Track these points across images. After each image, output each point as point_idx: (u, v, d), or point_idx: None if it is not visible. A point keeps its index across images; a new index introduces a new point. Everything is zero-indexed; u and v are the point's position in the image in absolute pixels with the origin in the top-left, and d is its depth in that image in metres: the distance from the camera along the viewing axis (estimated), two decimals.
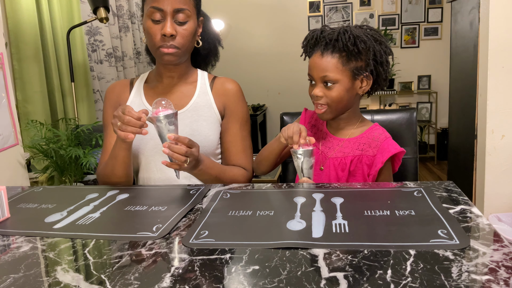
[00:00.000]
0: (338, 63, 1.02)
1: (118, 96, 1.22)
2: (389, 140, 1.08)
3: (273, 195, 0.90)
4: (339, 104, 1.06)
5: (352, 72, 1.03)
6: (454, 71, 2.88)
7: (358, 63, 1.03)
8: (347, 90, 1.04)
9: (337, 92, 1.03)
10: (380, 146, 1.06)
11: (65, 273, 0.59)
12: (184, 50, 1.11)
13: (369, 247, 0.61)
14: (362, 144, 1.09)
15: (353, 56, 1.02)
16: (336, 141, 1.13)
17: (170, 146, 0.92)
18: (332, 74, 1.02)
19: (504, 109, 1.76)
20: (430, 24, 4.43)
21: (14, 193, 1.02)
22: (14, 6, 2.08)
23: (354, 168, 1.09)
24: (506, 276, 0.51)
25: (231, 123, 1.19)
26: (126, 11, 3.28)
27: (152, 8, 1.06)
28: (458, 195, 0.82)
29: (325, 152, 1.13)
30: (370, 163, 1.07)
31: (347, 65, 1.03)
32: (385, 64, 1.06)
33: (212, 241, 0.67)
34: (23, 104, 2.15)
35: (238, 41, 4.67)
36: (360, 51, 1.02)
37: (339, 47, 1.02)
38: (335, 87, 1.03)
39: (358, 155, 1.08)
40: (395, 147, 1.05)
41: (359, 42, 1.01)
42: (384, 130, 1.11)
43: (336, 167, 1.10)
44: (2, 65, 1.53)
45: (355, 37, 1.01)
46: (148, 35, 1.10)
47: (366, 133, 1.11)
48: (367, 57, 1.03)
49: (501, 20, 1.71)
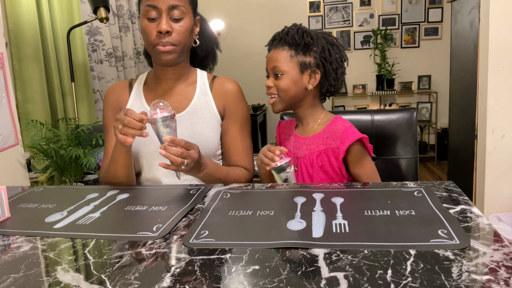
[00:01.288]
0: (286, 55, 1.10)
1: (117, 98, 1.21)
2: (349, 129, 1.09)
3: (273, 195, 0.90)
4: (287, 94, 1.11)
5: (300, 65, 1.10)
6: (454, 71, 2.88)
7: (306, 58, 1.10)
8: (294, 82, 1.10)
9: (284, 83, 1.10)
10: (341, 137, 1.09)
11: (65, 273, 0.59)
12: (181, 47, 1.10)
13: (369, 247, 0.61)
14: (325, 139, 1.12)
15: (301, 50, 1.10)
16: (303, 140, 1.16)
17: (166, 148, 0.92)
18: (280, 64, 1.10)
19: (504, 109, 1.76)
20: (430, 24, 4.43)
21: (14, 193, 1.02)
22: (14, 6, 2.08)
23: (322, 163, 1.11)
24: (506, 276, 0.51)
25: (231, 124, 1.19)
26: (126, 11, 3.28)
27: (147, 6, 1.06)
28: (458, 195, 0.82)
29: (296, 153, 1.17)
30: (336, 155, 1.10)
31: (295, 57, 1.10)
32: (335, 63, 1.12)
33: (212, 241, 0.67)
34: (23, 104, 2.14)
35: (238, 41, 4.67)
36: (307, 45, 1.09)
37: (288, 41, 1.10)
38: (283, 78, 1.10)
39: (323, 149, 1.11)
40: (355, 135, 1.07)
41: (306, 36, 1.09)
42: (345, 121, 1.14)
43: (307, 165, 1.13)
44: (2, 65, 1.53)
45: (303, 31, 1.10)
46: (144, 34, 1.09)
47: (328, 127, 1.13)
48: (315, 52, 1.10)
49: (501, 20, 1.71)
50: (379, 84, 4.50)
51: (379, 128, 1.29)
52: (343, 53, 1.14)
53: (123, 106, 1.20)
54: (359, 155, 1.09)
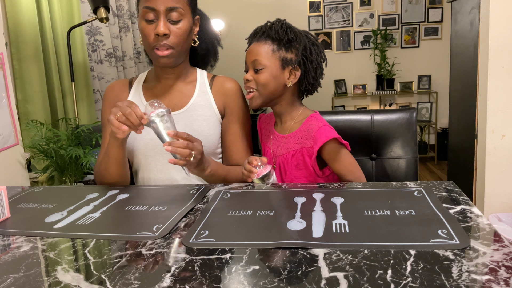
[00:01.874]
0: (268, 49, 1.08)
1: (117, 96, 1.21)
2: (322, 128, 1.09)
3: (273, 195, 0.90)
4: (266, 89, 1.10)
5: (281, 60, 1.09)
6: (454, 71, 2.88)
7: (288, 54, 1.09)
8: (274, 77, 1.09)
9: (263, 77, 1.08)
10: (314, 136, 1.09)
11: (65, 273, 0.59)
12: (179, 50, 1.10)
13: (369, 247, 0.61)
14: (300, 138, 1.12)
15: (284, 46, 1.09)
16: (281, 139, 1.16)
17: (171, 143, 0.92)
18: (261, 58, 1.08)
19: (504, 109, 1.76)
20: (430, 24, 4.43)
21: (14, 193, 1.02)
22: (14, 6, 2.08)
23: (297, 161, 1.11)
24: (506, 276, 0.51)
25: (231, 123, 1.19)
26: (126, 11, 3.28)
27: (145, 8, 1.05)
28: (458, 195, 0.82)
29: (274, 151, 1.17)
30: (310, 154, 1.10)
31: (277, 52, 1.08)
32: (315, 62, 1.11)
33: (212, 241, 0.67)
34: (23, 104, 2.14)
35: (238, 41, 4.66)
36: (290, 41, 1.08)
37: (271, 35, 1.08)
38: (263, 72, 1.09)
39: (299, 148, 1.11)
40: (327, 135, 1.06)
41: (290, 31, 1.08)
42: (319, 120, 1.13)
43: (284, 163, 1.14)
44: (2, 65, 1.53)
45: (287, 27, 1.08)
46: (142, 35, 1.09)
47: (303, 125, 1.13)
48: (297, 50, 1.09)
49: (501, 20, 1.71)
50: (379, 84, 4.50)
51: (379, 128, 1.28)
52: (323, 54, 1.14)
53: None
54: (334, 151, 1.08)
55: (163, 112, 0.92)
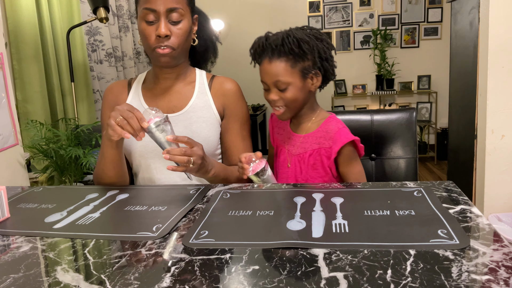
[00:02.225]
0: (286, 66, 1.06)
1: (116, 97, 1.21)
2: (342, 130, 1.10)
3: (273, 195, 0.90)
4: (295, 103, 1.10)
5: (302, 72, 1.08)
6: (454, 71, 2.88)
7: (305, 63, 1.08)
8: (300, 90, 1.09)
9: (291, 94, 1.08)
10: (333, 137, 1.10)
11: (65, 273, 0.59)
12: (180, 50, 1.10)
13: (369, 247, 0.61)
14: (319, 138, 1.13)
15: (300, 58, 1.07)
16: (297, 138, 1.17)
17: (169, 150, 0.91)
18: (283, 78, 1.06)
19: (504, 109, 1.76)
20: (430, 24, 4.43)
21: (14, 193, 1.02)
22: (14, 6, 2.08)
23: (314, 161, 1.12)
24: (506, 276, 0.51)
25: (231, 123, 1.19)
26: (126, 11, 3.28)
27: (145, 9, 1.05)
28: (458, 195, 0.82)
29: (290, 150, 1.17)
30: (328, 155, 1.10)
31: (295, 67, 1.07)
32: (329, 59, 1.11)
33: (212, 241, 0.67)
34: (23, 104, 2.14)
35: (238, 41, 4.66)
36: (305, 52, 1.06)
37: (285, 51, 1.06)
38: (288, 89, 1.08)
39: (317, 148, 1.12)
40: (347, 137, 1.08)
41: (303, 43, 1.06)
42: (338, 121, 1.14)
43: (300, 162, 1.14)
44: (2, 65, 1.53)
45: (298, 39, 1.06)
46: (143, 37, 1.09)
47: (322, 126, 1.14)
48: (313, 55, 1.08)
49: (501, 20, 1.71)
50: (378, 84, 4.50)
51: (379, 128, 1.29)
52: (331, 44, 1.13)
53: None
54: (349, 156, 1.10)
55: (160, 121, 0.92)
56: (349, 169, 1.11)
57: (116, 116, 0.92)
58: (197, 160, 0.95)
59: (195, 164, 0.95)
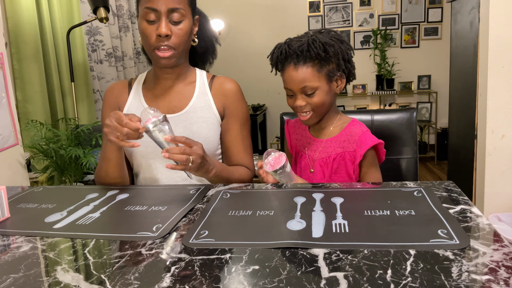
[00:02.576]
0: (313, 71, 1.07)
1: (116, 97, 1.21)
2: (366, 133, 1.11)
3: (273, 195, 0.90)
4: (322, 108, 1.11)
5: (327, 76, 1.08)
6: (454, 71, 2.88)
7: (330, 66, 1.08)
8: (327, 93, 1.09)
9: (318, 98, 1.08)
10: (358, 140, 1.10)
11: (65, 273, 0.59)
12: (180, 50, 1.10)
13: (369, 247, 0.61)
14: (342, 142, 1.13)
15: (325, 61, 1.07)
16: (319, 143, 1.16)
17: (168, 149, 0.92)
18: (310, 83, 1.07)
19: (504, 109, 1.76)
20: (430, 24, 4.43)
21: (14, 193, 1.02)
22: (14, 6, 2.08)
23: (338, 165, 1.12)
24: (506, 276, 0.51)
25: (231, 123, 1.19)
26: (126, 11, 3.28)
27: (146, 8, 1.05)
28: (458, 195, 0.82)
29: (311, 156, 1.17)
30: (352, 159, 1.11)
31: (321, 71, 1.07)
32: (351, 60, 1.12)
33: (212, 241, 0.67)
34: (23, 104, 2.14)
35: (238, 41, 4.67)
36: (330, 55, 1.07)
37: (311, 56, 1.06)
38: (316, 94, 1.08)
39: (340, 152, 1.12)
40: (372, 140, 1.09)
41: (329, 47, 1.06)
42: (362, 125, 1.14)
43: (323, 167, 1.14)
44: (2, 65, 1.53)
45: (323, 44, 1.06)
46: (143, 36, 1.09)
47: (345, 130, 1.14)
48: (337, 58, 1.08)
49: (501, 20, 1.71)
50: (379, 84, 4.50)
51: (379, 128, 1.29)
52: (350, 45, 1.13)
53: (122, 106, 1.20)
54: (370, 161, 1.11)
55: (159, 121, 0.91)
56: (369, 172, 1.11)
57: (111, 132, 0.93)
58: (196, 159, 0.94)
59: (195, 163, 0.94)
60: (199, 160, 0.95)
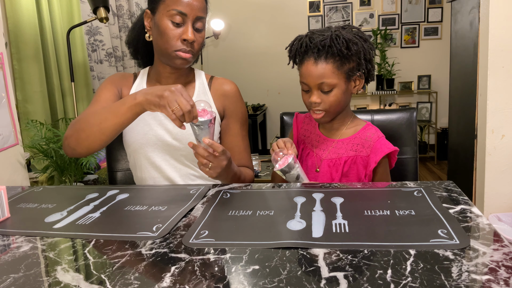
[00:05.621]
0: (333, 68, 1.02)
1: (120, 81, 1.20)
2: (382, 139, 1.08)
3: (273, 195, 0.90)
4: (337, 107, 1.07)
5: (347, 74, 1.04)
6: (454, 71, 2.88)
7: (351, 65, 1.04)
8: (344, 93, 1.05)
9: (335, 97, 1.04)
10: (373, 146, 1.07)
11: (65, 273, 0.59)
12: (196, 55, 1.14)
13: (369, 247, 0.61)
14: (355, 145, 1.10)
15: (346, 59, 1.03)
16: (329, 143, 1.13)
17: (194, 146, 0.93)
18: (329, 80, 1.02)
19: (504, 109, 1.76)
20: (430, 24, 4.43)
21: (14, 193, 1.02)
22: (14, 6, 2.08)
23: (348, 169, 1.09)
24: (506, 276, 0.51)
25: (232, 124, 1.20)
26: (126, 11, 3.28)
27: (175, 10, 1.05)
28: (458, 195, 0.82)
29: (319, 154, 1.14)
30: (364, 164, 1.08)
31: (341, 68, 1.03)
32: (372, 60, 1.08)
33: (212, 241, 0.67)
34: (23, 104, 2.14)
35: (238, 41, 4.67)
36: (352, 53, 1.03)
37: (333, 53, 1.02)
38: (332, 92, 1.04)
39: (352, 156, 1.09)
40: (388, 147, 1.06)
41: (352, 45, 1.02)
42: (377, 130, 1.12)
43: (331, 168, 1.11)
44: (2, 65, 1.53)
45: (347, 41, 1.02)
46: (165, 35, 1.07)
47: (359, 133, 1.11)
48: (358, 57, 1.04)
49: (501, 20, 1.71)
50: (379, 84, 4.50)
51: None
52: (373, 44, 1.09)
53: (125, 90, 1.19)
54: (383, 168, 1.08)
55: (206, 122, 0.91)
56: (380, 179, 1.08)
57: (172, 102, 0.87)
58: (216, 167, 0.95)
59: (213, 169, 0.95)
60: (219, 170, 0.96)
